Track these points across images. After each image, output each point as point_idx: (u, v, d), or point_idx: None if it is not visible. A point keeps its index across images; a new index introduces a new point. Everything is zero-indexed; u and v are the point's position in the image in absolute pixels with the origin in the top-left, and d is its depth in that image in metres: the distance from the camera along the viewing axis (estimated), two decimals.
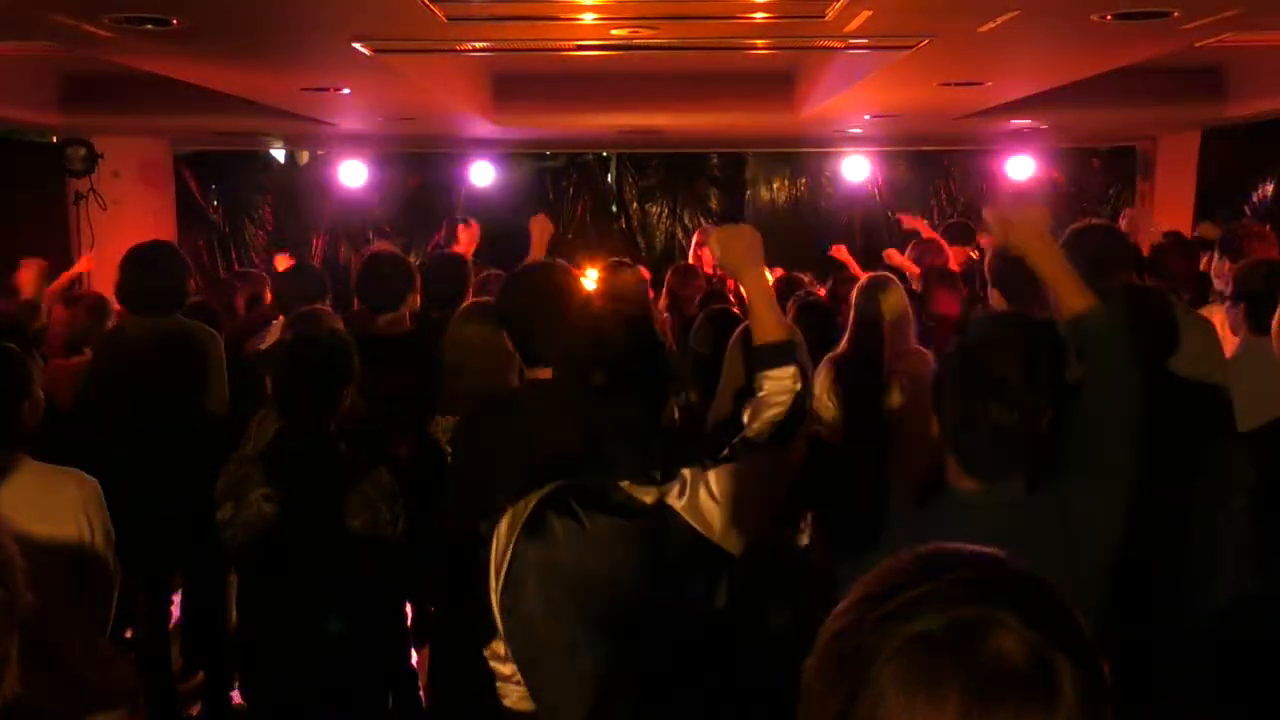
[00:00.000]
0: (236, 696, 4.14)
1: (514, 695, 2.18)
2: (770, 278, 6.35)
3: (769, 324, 2.22)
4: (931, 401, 2.06)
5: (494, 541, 2.10)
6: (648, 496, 2.02)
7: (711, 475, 2.05)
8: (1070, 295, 2.11)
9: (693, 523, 2.00)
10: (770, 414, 2.15)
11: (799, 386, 2.18)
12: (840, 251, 7.09)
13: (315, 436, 3.04)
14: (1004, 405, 1.93)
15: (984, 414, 1.94)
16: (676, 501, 2.02)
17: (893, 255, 6.41)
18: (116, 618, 2.77)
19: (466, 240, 7.22)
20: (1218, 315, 4.35)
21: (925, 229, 7.15)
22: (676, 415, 2.87)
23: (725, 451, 2.11)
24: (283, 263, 7.12)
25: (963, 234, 7.29)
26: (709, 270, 6.48)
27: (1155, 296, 3.78)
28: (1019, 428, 1.94)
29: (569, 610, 2.00)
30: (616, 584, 1.98)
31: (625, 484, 2.03)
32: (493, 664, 2.20)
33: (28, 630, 1.07)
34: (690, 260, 6.72)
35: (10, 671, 0.94)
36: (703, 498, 2.02)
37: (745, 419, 2.21)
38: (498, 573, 2.08)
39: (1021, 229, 2.17)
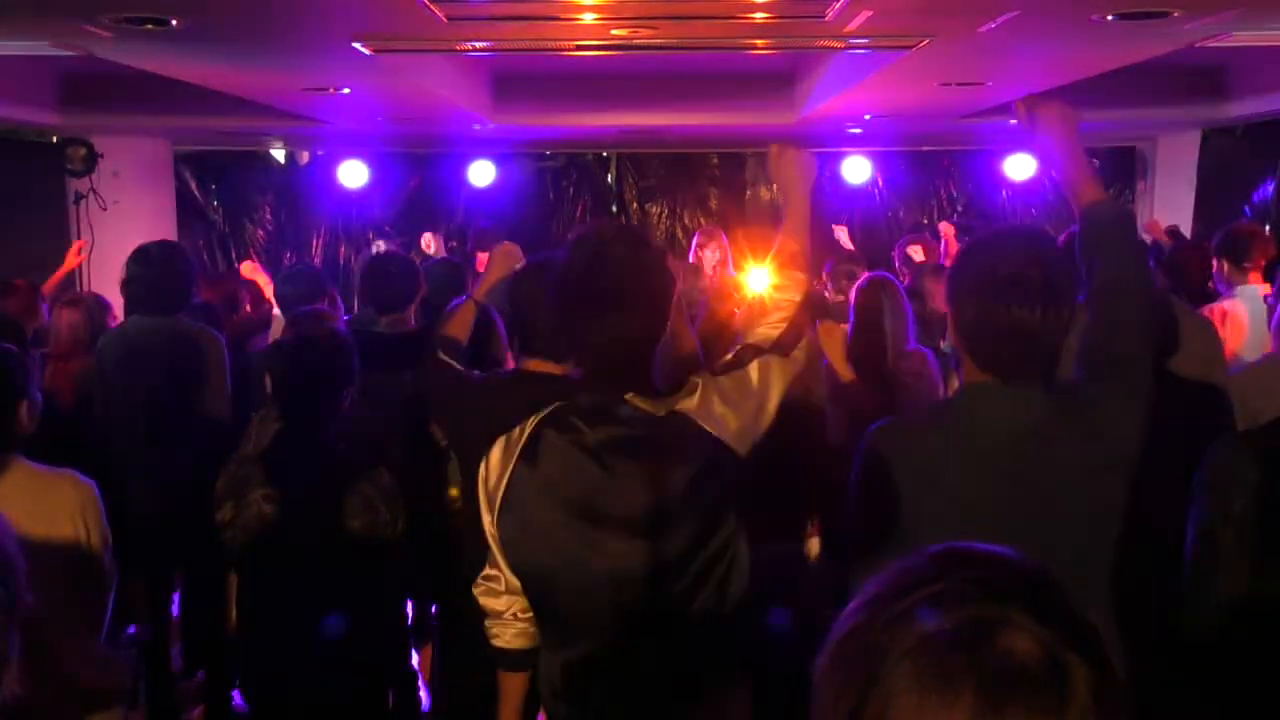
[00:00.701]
0: (237, 696, 4.14)
1: (507, 633, 2.16)
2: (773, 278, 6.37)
3: (791, 246, 2.30)
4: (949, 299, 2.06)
5: (482, 470, 2.06)
6: (658, 409, 1.97)
7: (722, 380, 2.03)
8: (1086, 183, 2.15)
9: (706, 426, 1.96)
10: (774, 317, 2.17)
11: (799, 297, 2.21)
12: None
13: (315, 437, 3.04)
14: (1024, 303, 1.91)
15: (1004, 311, 1.92)
16: (689, 405, 1.98)
17: (914, 250, 6.42)
18: (117, 618, 2.77)
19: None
20: (1218, 313, 4.37)
21: (848, 242, 7.18)
22: None
23: (731, 357, 2.10)
24: (251, 270, 6.92)
25: (968, 235, 7.30)
26: (708, 271, 6.47)
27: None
28: (1038, 325, 1.92)
29: (575, 524, 1.96)
30: (628, 499, 1.93)
31: (630, 396, 1.98)
32: (483, 600, 2.16)
33: (27, 631, 1.07)
34: (691, 260, 6.71)
35: (10, 671, 0.94)
36: (715, 401, 1.99)
37: (744, 327, 2.23)
38: (490, 503, 2.04)
39: (1049, 112, 2.23)
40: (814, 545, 3.06)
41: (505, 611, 2.14)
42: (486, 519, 2.07)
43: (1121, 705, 0.86)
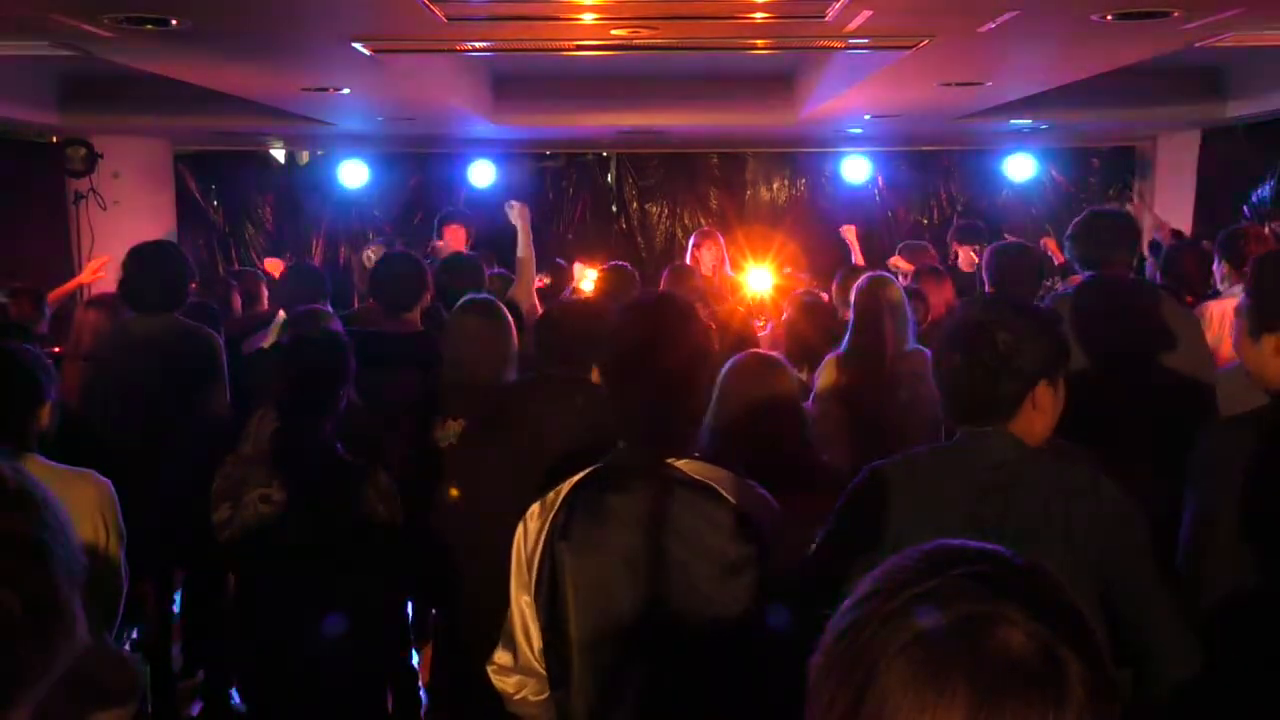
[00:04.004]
0: (236, 696, 4.14)
1: (523, 713, 2.13)
2: (775, 277, 6.38)
3: None
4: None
5: (521, 534, 2.05)
6: (694, 470, 1.99)
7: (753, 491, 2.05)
8: None
9: (735, 501, 1.97)
10: None
11: None
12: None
13: (313, 437, 3.04)
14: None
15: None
16: (716, 477, 1.99)
17: (897, 263, 6.44)
18: (123, 618, 2.79)
19: (452, 244, 7.19)
20: (1214, 312, 4.38)
21: (854, 241, 7.25)
22: None
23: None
24: (274, 266, 7.10)
25: (971, 234, 7.31)
26: (706, 272, 6.47)
27: (1133, 286, 3.80)
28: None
29: (615, 596, 1.96)
30: (664, 558, 1.94)
31: (671, 460, 2.00)
32: (496, 680, 2.12)
33: None
34: (688, 261, 6.71)
35: (80, 621, 0.98)
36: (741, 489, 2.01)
37: None
38: (529, 566, 2.02)
39: None
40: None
41: (515, 695, 2.11)
42: (517, 578, 2.05)
43: (1116, 701, 0.86)
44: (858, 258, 7.11)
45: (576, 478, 2.04)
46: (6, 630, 0.91)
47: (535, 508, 2.06)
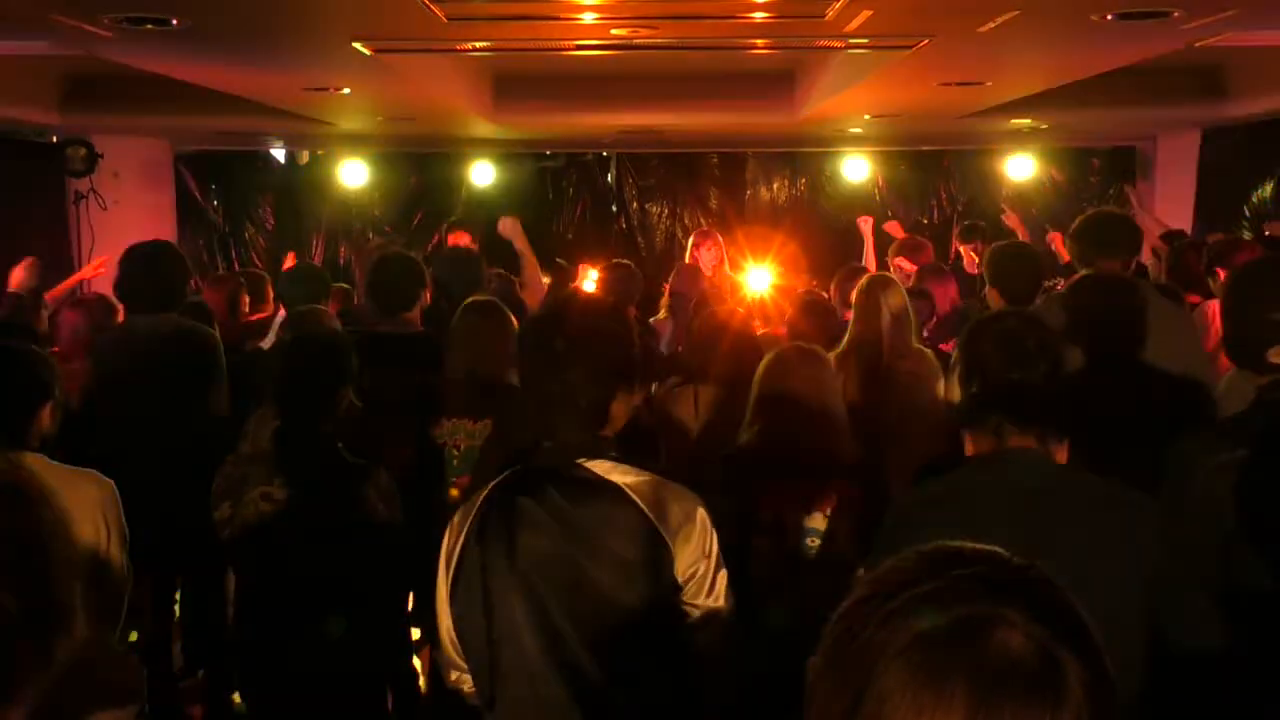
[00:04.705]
0: (237, 696, 4.15)
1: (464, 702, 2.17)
2: (773, 278, 6.38)
3: None
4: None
5: (447, 533, 2.08)
6: (607, 471, 2.01)
7: (673, 490, 2.04)
8: None
9: (641, 504, 1.98)
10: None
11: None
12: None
13: (313, 436, 3.04)
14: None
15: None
16: (628, 481, 2.00)
17: (900, 264, 6.44)
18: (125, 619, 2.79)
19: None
20: (1212, 311, 4.39)
21: (869, 234, 7.28)
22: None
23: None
24: (290, 263, 7.19)
25: (974, 233, 7.32)
26: (707, 272, 6.47)
27: (1126, 285, 3.81)
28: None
29: (522, 597, 1.98)
30: (580, 564, 1.96)
31: (582, 460, 2.01)
32: (441, 670, 2.17)
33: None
34: (688, 261, 6.71)
35: (79, 619, 0.98)
36: (665, 497, 2.01)
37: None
38: (448, 566, 2.06)
39: None
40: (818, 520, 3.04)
41: (454, 681, 2.15)
42: (442, 577, 2.08)
43: (1114, 701, 0.86)
44: (870, 251, 7.10)
45: (498, 479, 2.06)
46: (1, 629, 0.90)
47: (462, 508, 2.09)
